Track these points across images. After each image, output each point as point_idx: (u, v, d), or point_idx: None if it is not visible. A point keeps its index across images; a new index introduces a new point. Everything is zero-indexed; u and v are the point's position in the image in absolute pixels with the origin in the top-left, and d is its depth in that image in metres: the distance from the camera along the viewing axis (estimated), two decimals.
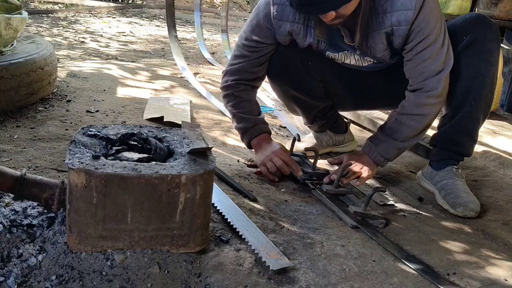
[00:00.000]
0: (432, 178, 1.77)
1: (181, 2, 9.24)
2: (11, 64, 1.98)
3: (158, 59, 4.11)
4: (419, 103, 1.61)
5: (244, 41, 1.70)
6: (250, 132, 1.75)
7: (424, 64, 1.55)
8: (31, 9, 6.75)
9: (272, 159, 1.68)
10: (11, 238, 1.10)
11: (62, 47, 4.29)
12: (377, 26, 1.52)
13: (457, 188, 1.67)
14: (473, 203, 1.63)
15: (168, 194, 1.04)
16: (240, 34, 1.75)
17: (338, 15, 1.42)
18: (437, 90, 1.58)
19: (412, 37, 1.52)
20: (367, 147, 1.69)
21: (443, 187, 1.70)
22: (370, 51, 1.61)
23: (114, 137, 1.20)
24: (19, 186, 1.11)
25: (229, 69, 1.76)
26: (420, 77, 1.58)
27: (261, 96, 3.01)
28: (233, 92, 1.75)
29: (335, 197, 1.58)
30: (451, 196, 1.66)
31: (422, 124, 1.64)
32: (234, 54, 1.76)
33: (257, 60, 1.72)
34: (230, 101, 1.77)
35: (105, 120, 2.12)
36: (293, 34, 1.62)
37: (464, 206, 1.61)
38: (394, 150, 1.66)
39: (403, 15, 1.47)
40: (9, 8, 2.21)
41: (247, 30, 1.69)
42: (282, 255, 1.15)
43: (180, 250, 1.10)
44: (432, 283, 1.14)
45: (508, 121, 2.74)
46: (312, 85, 1.82)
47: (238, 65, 1.73)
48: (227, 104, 1.79)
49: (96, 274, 1.03)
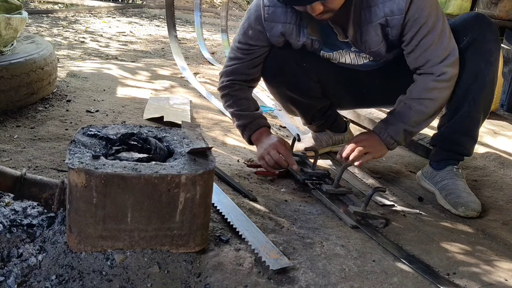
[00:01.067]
0: (433, 178, 1.77)
1: (181, 2, 9.24)
2: (11, 64, 1.98)
3: (158, 59, 4.11)
4: (427, 87, 1.57)
5: (238, 44, 1.71)
6: (249, 128, 1.75)
7: (428, 52, 1.53)
8: (31, 9, 6.75)
9: (269, 152, 1.67)
10: (11, 238, 1.10)
11: (62, 47, 4.29)
12: (370, 19, 1.51)
13: (457, 188, 1.67)
14: (474, 203, 1.63)
15: (168, 194, 1.04)
16: (234, 37, 1.76)
17: (326, 9, 1.42)
18: (447, 75, 1.55)
19: (409, 27, 1.50)
20: (378, 128, 1.65)
21: (443, 187, 1.70)
22: (365, 46, 1.60)
23: (114, 137, 1.20)
24: (19, 186, 1.11)
25: (225, 70, 1.77)
26: (427, 65, 1.55)
27: (261, 96, 3.01)
28: (229, 92, 1.76)
29: (335, 197, 1.58)
30: (452, 196, 1.66)
31: (431, 109, 1.60)
32: (229, 56, 1.77)
33: (251, 62, 1.72)
34: (227, 100, 1.78)
35: (105, 120, 2.12)
36: (286, 35, 1.62)
37: (465, 206, 1.61)
38: (403, 133, 1.61)
39: (395, 4, 1.46)
40: (9, 8, 2.20)
41: (240, 33, 1.70)
42: (282, 255, 1.15)
43: (180, 250, 1.10)
44: (432, 283, 1.14)
45: (508, 121, 2.75)
46: (308, 85, 1.82)
47: (232, 67, 1.74)
48: (225, 104, 1.80)
49: (96, 274, 1.03)
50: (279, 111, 2.72)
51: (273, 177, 1.75)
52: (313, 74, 1.79)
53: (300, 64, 1.76)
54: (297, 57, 1.73)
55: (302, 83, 1.80)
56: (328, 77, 1.82)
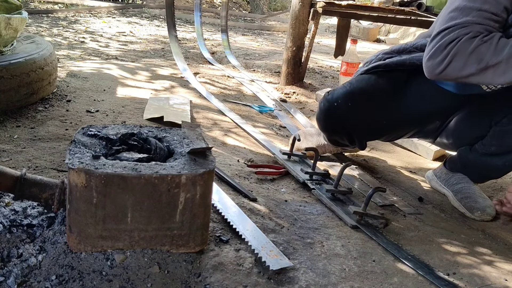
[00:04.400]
0: (447, 180, 1.78)
1: (181, 2, 9.25)
2: (11, 64, 1.98)
3: (158, 59, 4.11)
4: None
5: None
6: None
7: None
8: (31, 9, 6.75)
9: None
10: (11, 238, 1.10)
11: (62, 47, 4.29)
12: None
13: (474, 193, 1.69)
14: (490, 208, 1.64)
15: (168, 194, 1.04)
16: None
17: None
18: None
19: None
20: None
21: (459, 190, 1.72)
22: None
23: (114, 137, 1.20)
24: (19, 186, 1.11)
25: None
26: None
27: (261, 96, 3.02)
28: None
29: (335, 197, 1.58)
30: (469, 200, 1.67)
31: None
32: None
33: None
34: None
35: (105, 120, 2.12)
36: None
37: (481, 211, 1.63)
38: None
39: None
40: (9, 8, 2.20)
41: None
42: (282, 255, 1.15)
43: (180, 250, 1.10)
44: (432, 283, 1.14)
45: None
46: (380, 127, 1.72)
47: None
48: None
49: (96, 274, 1.03)
50: (279, 111, 2.72)
51: (273, 177, 1.75)
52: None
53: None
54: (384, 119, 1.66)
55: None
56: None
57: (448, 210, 1.70)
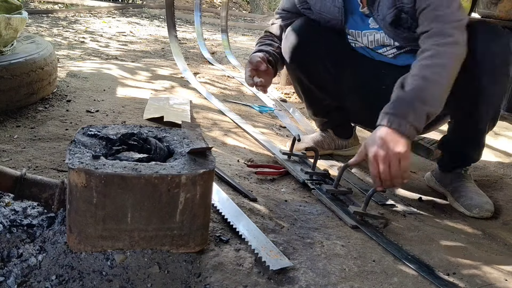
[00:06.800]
0: (442, 181, 1.80)
1: (181, 2, 9.24)
2: (11, 64, 1.98)
3: (158, 59, 4.11)
4: (438, 52, 1.41)
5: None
6: None
7: (439, 10, 1.44)
8: (31, 9, 6.75)
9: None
10: (11, 238, 1.10)
11: (62, 47, 4.29)
12: None
13: (468, 190, 1.70)
14: (487, 204, 1.65)
15: (168, 194, 1.04)
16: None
17: None
18: (456, 38, 1.42)
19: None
20: (379, 118, 1.38)
21: (455, 189, 1.73)
22: (377, 10, 1.59)
23: (114, 137, 1.20)
24: (19, 186, 1.11)
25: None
26: (437, 25, 1.44)
27: (261, 96, 3.02)
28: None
29: (335, 197, 1.58)
30: (464, 199, 1.68)
31: (444, 78, 1.39)
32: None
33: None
34: None
35: (105, 120, 2.12)
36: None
37: (479, 208, 1.63)
38: (425, 118, 1.37)
39: None
40: (9, 8, 2.21)
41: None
42: (282, 255, 1.15)
43: (180, 250, 1.10)
44: (432, 283, 1.14)
45: (508, 121, 2.74)
46: (325, 79, 1.87)
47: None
48: None
49: (96, 274, 1.03)
50: (279, 111, 2.72)
51: (273, 177, 1.75)
52: (333, 68, 1.85)
53: (326, 55, 1.83)
54: (325, 46, 1.82)
55: (320, 74, 1.86)
56: (348, 73, 1.86)
57: (448, 210, 1.70)
